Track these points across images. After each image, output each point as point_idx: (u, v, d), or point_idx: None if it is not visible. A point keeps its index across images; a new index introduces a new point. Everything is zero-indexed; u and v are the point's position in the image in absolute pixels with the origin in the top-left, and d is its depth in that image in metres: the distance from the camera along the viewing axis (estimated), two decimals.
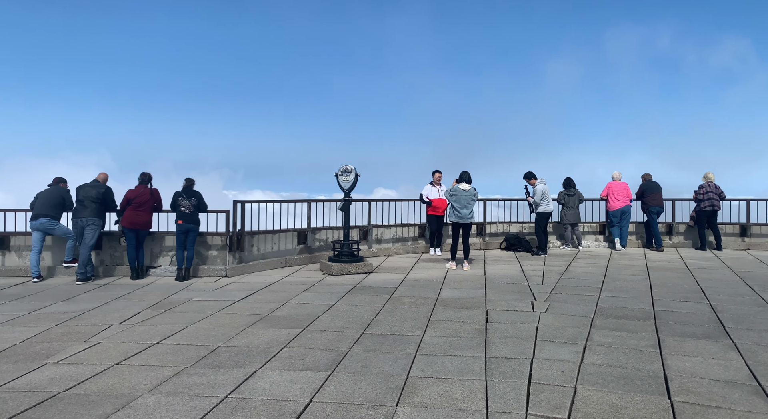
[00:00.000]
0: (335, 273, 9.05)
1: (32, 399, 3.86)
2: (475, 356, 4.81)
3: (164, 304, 6.99)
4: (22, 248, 9.35)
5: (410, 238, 12.15)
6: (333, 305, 6.79)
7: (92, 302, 7.12)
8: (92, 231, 8.77)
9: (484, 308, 6.64)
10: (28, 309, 6.68)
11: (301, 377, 4.29)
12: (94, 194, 8.85)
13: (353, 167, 9.56)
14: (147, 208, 8.96)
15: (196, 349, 5.03)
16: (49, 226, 8.79)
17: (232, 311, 6.57)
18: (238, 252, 9.36)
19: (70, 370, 4.46)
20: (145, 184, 9.09)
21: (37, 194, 8.98)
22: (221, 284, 8.47)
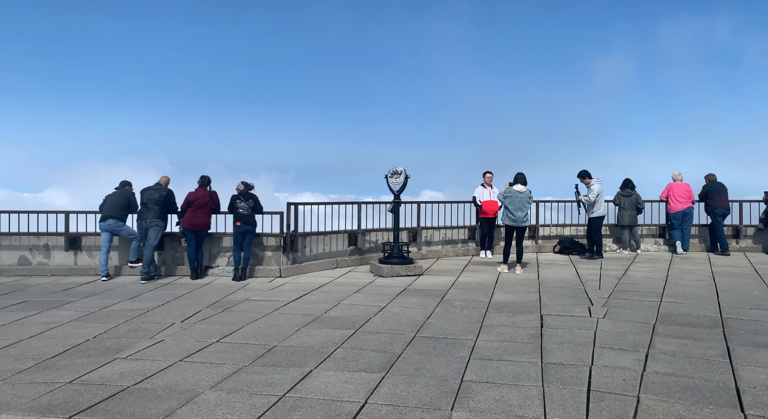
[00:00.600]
0: (385, 275, 9.08)
1: (105, 392, 4.06)
2: (531, 361, 4.70)
3: (222, 303, 7.22)
4: (92, 249, 9.89)
5: (460, 240, 12.04)
6: (384, 307, 6.81)
7: (155, 300, 7.44)
8: (155, 232, 9.16)
9: (539, 312, 6.48)
10: (98, 306, 7.06)
11: (355, 378, 4.32)
12: (156, 197, 9.24)
13: (403, 169, 9.57)
14: (206, 210, 9.27)
15: (254, 348, 5.17)
16: (116, 227, 9.25)
17: (287, 311, 6.71)
18: (291, 253, 9.55)
19: (137, 365, 4.68)
20: (204, 187, 9.42)
21: (105, 197, 9.47)
22: (276, 284, 8.66)
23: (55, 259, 9.83)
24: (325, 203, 10.62)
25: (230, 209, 9.30)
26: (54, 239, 9.86)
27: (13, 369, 4.53)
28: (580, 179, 11.42)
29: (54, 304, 7.16)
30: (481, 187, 11.42)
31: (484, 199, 11.25)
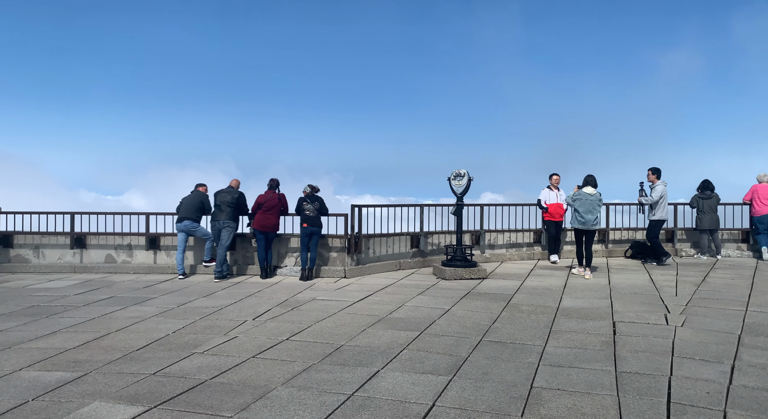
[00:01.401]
0: (448, 278, 9.00)
1: (184, 384, 4.27)
2: (604, 369, 4.49)
3: (291, 302, 7.41)
4: (169, 248, 10.46)
5: (525, 244, 11.73)
6: (449, 310, 6.74)
7: (228, 298, 7.75)
8: (228, 233, 9.56)
9: (611, 319, 6.20)
10: (176, 303, 7.44)
11: (422, 380, 4.30)
12: (229, 199, 9.64)
13: (466, 171, 9.45)
14: (275, 212, 9.56)
15: (322, 346, 5.26)
16: (191, 227, 9.72)
17: (352, 311, 6.79)
18: (355, 254, 9.67)
19: (213, 360, 4.88)
20: (273, 189, 9.72)
21: (182, 199, 9.97)
22: (341, 284, 8.80)
23: (137, 258, 10.47)
24: (387, 206, 10.68)
25: (297, 211, 9.55)
26: (136, 239, 10.50)
27: (104, 360, 4.85)
28: (649, 172, 10.63)
29: (137, 300, 7.62)
30: (548, 189, 11.08)
31: (550, 201, 10.90)
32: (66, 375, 4.41)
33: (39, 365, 4.68)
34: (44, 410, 3.72)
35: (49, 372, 4.50)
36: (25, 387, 4.13)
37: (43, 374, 4.44)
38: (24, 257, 10.50)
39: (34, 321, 6.29)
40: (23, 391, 4.05)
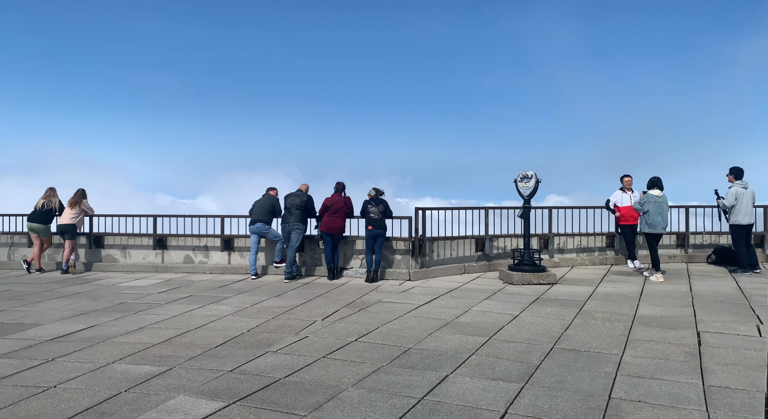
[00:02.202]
0: (516, 282, 8.77)
1: (260, 382, 4.41)
2: (690, 382, 4.21)
3: (358, 304, 7.50)
4: (242, 249, 10.89)
5: (597, 248, 11.24)
6: (518, 316, 6.57)
7: (298, 299, 7.96)
8: (297, 235, 9.82)
9: (695, 329, 5.80)
10: (249, 302, 7.72)
11: (492, 386, 4.21)
12: (298, 202, 9.90)
13: (533, 173, 9.19)
14: (341, 214, 9.72)
15: (390, 349, 5.28)
16: (263, 229, 10.06)
17: (418, 314, 6.77)
18: (420, 257, 9.65)
19: (286, 359, 5.02)
20: (339, 192, 9.89)
21: (254, 202, 10.35)
22: (406, 287, 8.80)
23: (212, 258, 10.98)
24: (451, 208, 10.58)
25: (362, 214, 9.66)
26: (212, 241, 11.01)
27: (186, 356, 5.11)
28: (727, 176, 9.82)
29: (213, 299, 7.98)
30: (620, 191, 10.56)
31: (623, 204, 10.38)
32: (153, 369, 4.68)
33: (129, 358, 5.00)
34: (136, 401, 3.97)
35: (138, 365, 4.80)
36: (118, 379, 4.43)
37: (133, 367, 4.74)
38: (113, 257, 11.29)
39: (123, 317, 6.73)
40: (117, 382, 4.34)
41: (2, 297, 8.05)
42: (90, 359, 4.97)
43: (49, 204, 10.90)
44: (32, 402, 3.93)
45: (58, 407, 3.85)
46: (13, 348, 5.32)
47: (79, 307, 7.32)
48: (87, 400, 3.97)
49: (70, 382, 4.34)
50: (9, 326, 6.26)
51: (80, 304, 7.53)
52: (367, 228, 9.49)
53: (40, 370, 4.65)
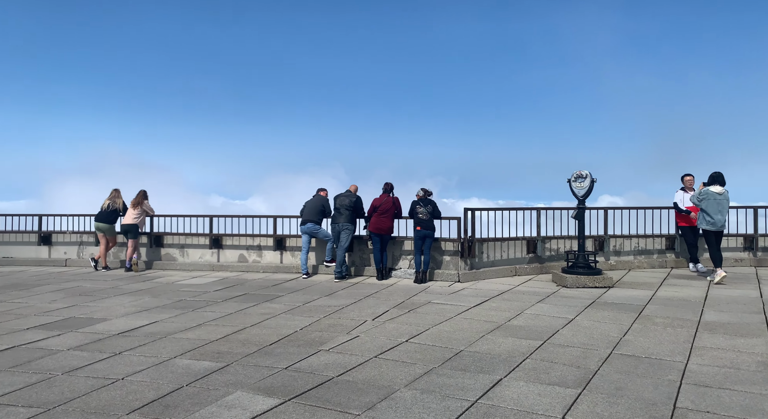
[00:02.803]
0: (570, 285, 8.53)
1: (314, 380, 4.49)
2: (764, 394, 3.96)
3: (407, 304, 7.50)
4: (293, 249, 11.11)
5: (656, 250, 10.76)
6: (573, 320, 6.38)
7: (348, 298, 8.04)
8: (347, 235, 9.93)
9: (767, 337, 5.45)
10: (301, 301, 7.87)
11: (548, 391, 4.11)
12: (347, 203, 10.00)
13: (588, 172, 8.90)
14: (389, 215, 9.75)
15: (441, 351, 5.24)
16: (314, 230, 10.23)
17: (469, 316, 6.69)
18: (469, 259, 9.54)
19: (338, 358, 5.08)
20: (387, 193, 9.92)
21: (305, 203, 10.54)
22: (455, 288, 8.73)
23: (265, 258, 11.26)
24: (502, 209, 10.40)
25: (410, 214, 9.65)
26: (265, 240, 11.30)
27: (242, 353, 5.27)
28: None
29: (267, 297, 8.18)
30: (682, 191, 10.07)
31: (686, 204, 9.90)
32: (212, 365, 4.85)
33: (189, 354, 5.20)
34: (197, 395, 4.12)
35: (197, 361, 4.98)
36: (180, 374, 4.61)
37: (193, 362, 4.93)
38: (172, 256, 11.78)
39: (182, 314, 7.01)
40: (179, 377, 4.53)
41: (73, 293, 8.56)
42: (153, 353, 5.20)
43: (114, 205, 11.49)
44: (103, 393, 4.16)
45: (126, 398, 4.05)
46: (84, 341, 5.65)
47: (142, 303, 7.68)
48: (152, 393, 4.16)
49: (136, 375, 4.56)
50: (80, 320, 6.65)
51: (143, 301, 7.90)
52: (415, 229, 9.48)
53: (108, 363, 4.91)
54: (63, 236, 12.42)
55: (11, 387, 4.28)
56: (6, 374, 4.62)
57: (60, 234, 12.45)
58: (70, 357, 5.10)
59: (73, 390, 4.21)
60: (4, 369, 4.73)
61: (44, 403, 3.97)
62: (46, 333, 6.03)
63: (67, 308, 7.33)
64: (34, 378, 4.51)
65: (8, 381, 4.42)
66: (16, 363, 4.89)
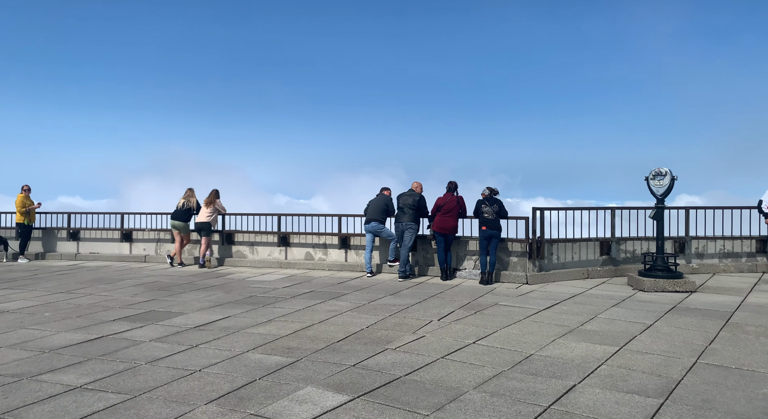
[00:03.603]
0: (647, 289, 8.10)
1: (381, 378, 4.54)
2: None
3: (473, 306, 7.41)
4: (358, 248, 11.28)
5: (744, 253, 10.01)
6: (651, 325, 6.07)
7: (413, 298, 8.06)
8: (410, 235, 9.95)
9: None
10: (366, 300, 7.98)
11: (627, 399, 3.93)
12: (410, 202, 10.02)
13: (668, 170, 8.42)
14: (454, 214, 9.66)
15: (510, 354, 5.15)
16: (377, 228, 10.33)
17: (539, 319, 6.53)
18: (537, 260, 9.29)
19: (405, 357, 5.11)
20: (451, 192, 9.84)
21: (369, 202, 10.66)
22: (523, 291, 8.53)
23: (330, 256, 11.50)
24: (572, 209, 10.05)
25: (475, 214, 9.52)
26: (330, 239, 11.54)
27: (311, 349, 5.41)
28: None
29: (333, 295, 8.36)
30: None
31: None
32: (282, 360, 5.02)
33: (261, 349, 5.41)
34: (269, 389, 4.29)
35: (269, 355, 5.17)
36: (252, 367, 4.81)
37: (264, 357, 5.13)
38: (242, 253, 12.29)
39: (253, 309, 7.30)
40: (251, 370, 4.73)
41: (152, 288, 9.13)
42: (227, 347, 5.45)
43: (188, 204, 12.14)
44: (182, 383, 4.41)
45: (204, 389, 4.27)
46: (164, 334, 6.02)
47: (215, 299, 8.07)
48: (227, 385, 4.36)
49: (212, 367, 4.81)
50: (159, 314, 7.09)
51: (216, 296, 8.30)
52: (480, 229, 9.34)
53: (186, 355, 5.20)
54: (142, 234, 13.28)
55: (101, 374, 4.64)
56: (97, 362, 5.01)
57: (140, 232, 13.31)
58: (152, 348, 5.45)
59: (155, 379, 4.50)
60: (95, 357, 5.13)
61: (130, 390, 4.27)
62: (130, 324, 6.47)
63: (147, 302, 7.84)
64: (120, 366, 4.86)
65: (99, 369, 4.79)
66: (105, 352, 5.29)
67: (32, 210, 13.34)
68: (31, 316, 6.97)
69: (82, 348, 5.43)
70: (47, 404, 4.01)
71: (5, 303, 7.81)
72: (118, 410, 3.88)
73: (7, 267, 11.99)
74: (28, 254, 13.43)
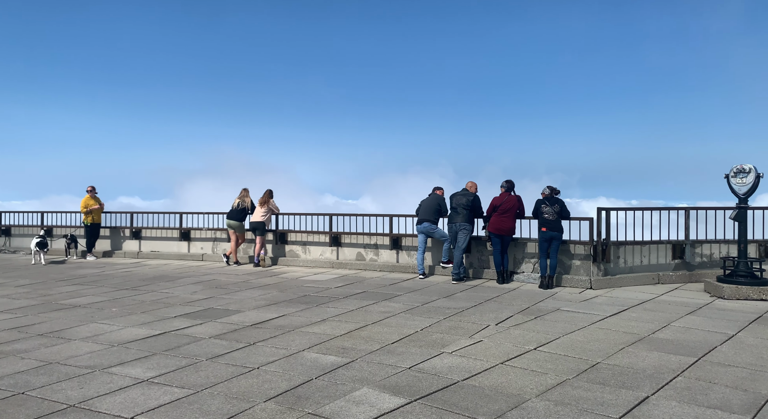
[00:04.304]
0: (728, 297, 7.63)
1: (438, 382, 4.49)
2: None
3: (533, 310, 7.23)
4: (409, 249, 11.25)
5: None
6: (733, 336, 5.71)
7: (467, 301, 7.95)
8: (464, 236, 9.82)
9: None
10: (420, 302, 7.94)
11: (708, 414, 3.71)
12: (464, 202, 9.88)
13: (752, 166, 7.90)
14: (511, 214, 9.45)
15: (575, 361, 4.98)
16: (430, 229, 10.26)
17: (605, 326, 6.28)
18: (602, 263, 8.95)
19: (462, 362, 5.04)
20: (509, 191, 9.64)
21: (420, 202, 10.60)
22: (586, 296, 8.24)
23: (382, 256, 11.54)
24: (641, 209, 9.61)
25: (535, 214, 9.29)
26: (381, 239, 11.58)
27: (365, 350, 5.44)
28: None
29: (385, 296, 8.37)
30: None
31: None
32: (338, 360, 5.07)
33: (316, 348, 5.49)
34: (326, 388, 4.34)
35: (324, 355, 5.24)
36: (308, 366, 4.88)
37: (320, 356, 5.20)
38: (295, 253, 12.55)
39: (307, 309, 7.43)
40: (308, 369, 4.80)
41: (210, 286, 9.47)
42: (283, 346, 5.57)
43: (243, 203, 12.51)
44: (242, 380, 4.54)
45: (263, 387, 4.38)
46: (222, 331, 6.22)
47: (270, 297, 8.27)
48: (285, 383, 4.45)
49: (270, 365, 4.92)
50: (218, 311, 7.33)
51: (271, 295, 8.51)
52: (540, 230, 9.10)
53: (245, 352, 5.35)
54: (199, 233, 13.80)
55: (166, 369, 4.84)
56: (161, 356, 5.24)
57: (197, 231, 13.84)
58: (212, 344, 5.64)
59: (216, 376, 4.65)
60: (159, 352, 5.37)
61: (193, 385, 4.43)
62: (190, 321, 6.73)
63: (206, 300, 8.13)
64: (183, 361, 5.06)
65: (163, 363, 5.01)
66: (168, 348, 5.53)
67: (95, 210, 14.12)
68: (100, 311, 7.38)
69: (147, 343, 5.70)
70: (118, 395, 4.22)
71: (77, 298, 8.33)
72: (183, 404, 4.04)
73: (77, 264, 12.77)
74: (96, 251, 14.25)
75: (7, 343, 5.76)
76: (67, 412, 3.92)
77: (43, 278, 10.47)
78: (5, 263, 13.06)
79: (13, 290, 9.17)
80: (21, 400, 4.16)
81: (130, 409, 3.96)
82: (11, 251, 15.63)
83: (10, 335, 6.11)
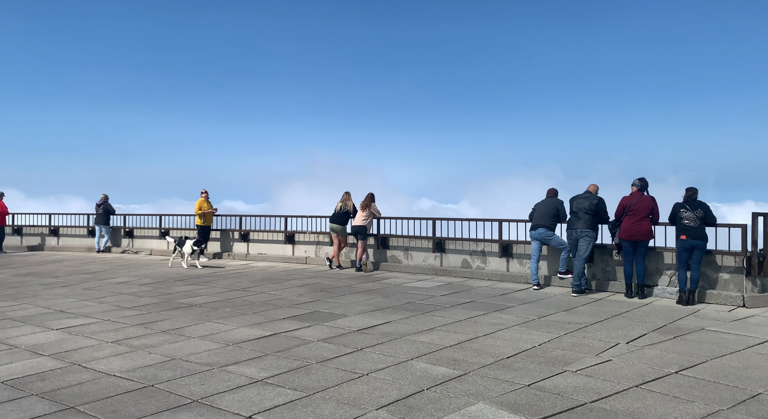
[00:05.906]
0: None
1: (563, 403, 4.27)
2: None
3: (671, 329, 6.67)
4: (521, 256, 10.90)
5: None
6: None
7: (591, 316, 7.52)
8: (586, 243, 9.29)
9: None
10: (535, 315, 7.64)
11: None
12: (587, 206, 9.33)
13: None
14: (644, 216, 8.73)
15: (728, 390, 4.50)
16: (546, 236, 9.84)
17: (765, 351, 5.63)
18: (759, 278, 8.06)
19: (589, 382, 4.75)
20: (642, 191, 8.95)
21: (534, 205, 10.22)
22: (738, 314, 7.45)
23: (490, 264, 11.29)
24: None
25: (672, 220, 8.57)
26: (489, 246, 11.34)
27: (478, 363, 5.32)
28: None
29: (496, 307, 8.17)
30: None
31: None
32: (449, 372, 5.01)
33: (425, 358, 5.47)
34: (438, 401, 4.30)
35: (434, 365, 5.21)
36: (418, 376, 4.88)
37: (429, 366, 5.17)
38: (397, 258, 12.68)
39: (413, 316, 7.45)
40: (418, 379, 4.79)
41: (315, 289, 9.84)
42: (391, 353, 5.62)
43: (345, 207, 12.87)
44: (352, 386, 4.64)
45: (373, 394, 4.44)
46: (329, 335, 6.42)
47: (375, 303, 8.41)
48: (395, 392, 4.48)
49: (378, 372, 4.98)
50: (323, 314, 7.60)
51: (375, 300, 8.65)
52: (679, 238, 8.37)
53: (353, 357, 5.48)
54: (303, 236, 14.43)
55: (278, 370, 5.10)
56: (273, 357, 5.53)
57: (300, 234, 14.48)
58: (320, 348, 5.85)
59: (326, 380, 4.80)
60: (271, 353, 5.67)
61: (305, 388, 4.61)
62: (298, 323, 7.04)
63: (311, 303, 8.46)
64: (294, 363, 5.30)
65: (276, 364, 5.28)
66: (279, 349, 5.82)
67: (208, 213, 15.27)
68: (214, 311, 7.97)
69: (259, 343, 6.06)
70: (236, 393, 4.52)
71: (193, 298, 9.07)
72: (296, 406, 4.22)
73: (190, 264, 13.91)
74: (207, 253, 15.41)
75: (136, 338, 6.41)
76: (191, 407, 4.26)
77: (163, 277, 11.52)
78: (131, 262, 14.54)
79: (137, 288, 10.18)
80: (151, 392, 4.59)
81: (248, 408, 4.20)
82: (134, 252, 17.38)
83: (137, 330, 6.79)
